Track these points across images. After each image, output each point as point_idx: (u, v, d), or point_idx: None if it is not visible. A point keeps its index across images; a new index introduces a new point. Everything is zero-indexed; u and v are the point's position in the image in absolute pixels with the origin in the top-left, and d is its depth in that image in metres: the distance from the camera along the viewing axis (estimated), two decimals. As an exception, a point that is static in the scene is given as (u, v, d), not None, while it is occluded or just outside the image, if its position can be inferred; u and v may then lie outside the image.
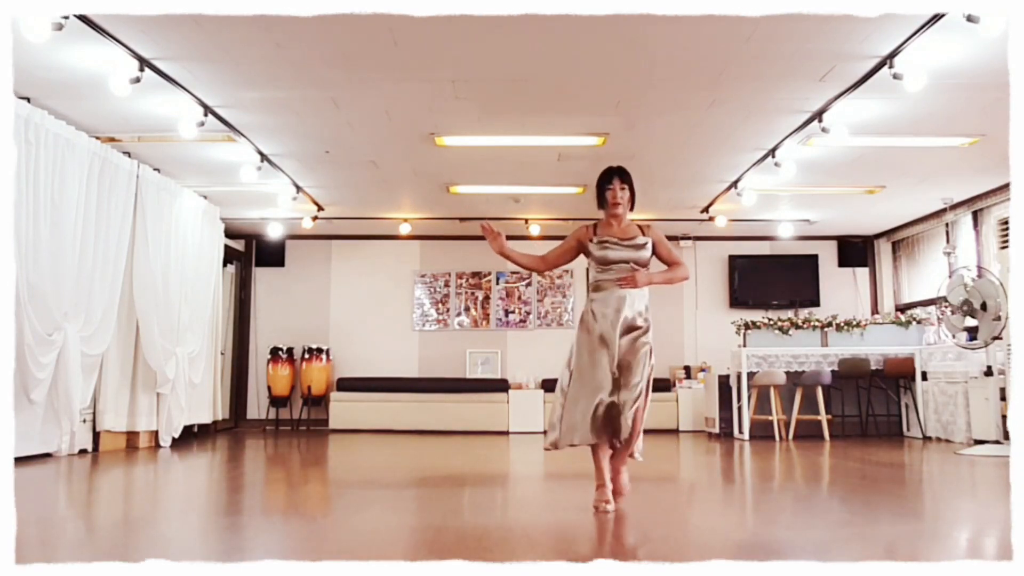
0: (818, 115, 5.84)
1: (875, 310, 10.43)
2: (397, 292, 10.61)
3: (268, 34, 4.56)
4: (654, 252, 4.13)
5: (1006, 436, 6.41)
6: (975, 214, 8.50)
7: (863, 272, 10.70)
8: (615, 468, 3.82)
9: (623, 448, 3.76)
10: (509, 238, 4.25)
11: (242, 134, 6.33)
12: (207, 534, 3.39)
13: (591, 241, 3.98)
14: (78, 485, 5.24)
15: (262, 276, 10.60)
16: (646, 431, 3.98)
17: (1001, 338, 6.67)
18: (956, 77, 5.17)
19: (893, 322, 8.79)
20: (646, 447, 4.01)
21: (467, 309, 10.59)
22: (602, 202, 3.97)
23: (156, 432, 7.41)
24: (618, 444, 3.73)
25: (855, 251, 10.68)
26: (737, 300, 10.53)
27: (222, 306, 9.26)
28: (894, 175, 7.68)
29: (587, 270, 4.12)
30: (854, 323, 8.70)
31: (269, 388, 10.06)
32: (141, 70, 4.87)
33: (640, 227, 4.05)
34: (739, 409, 8.42)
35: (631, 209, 4.03)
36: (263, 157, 6.85)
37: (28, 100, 5.51)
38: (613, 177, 3.95)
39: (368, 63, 5.00)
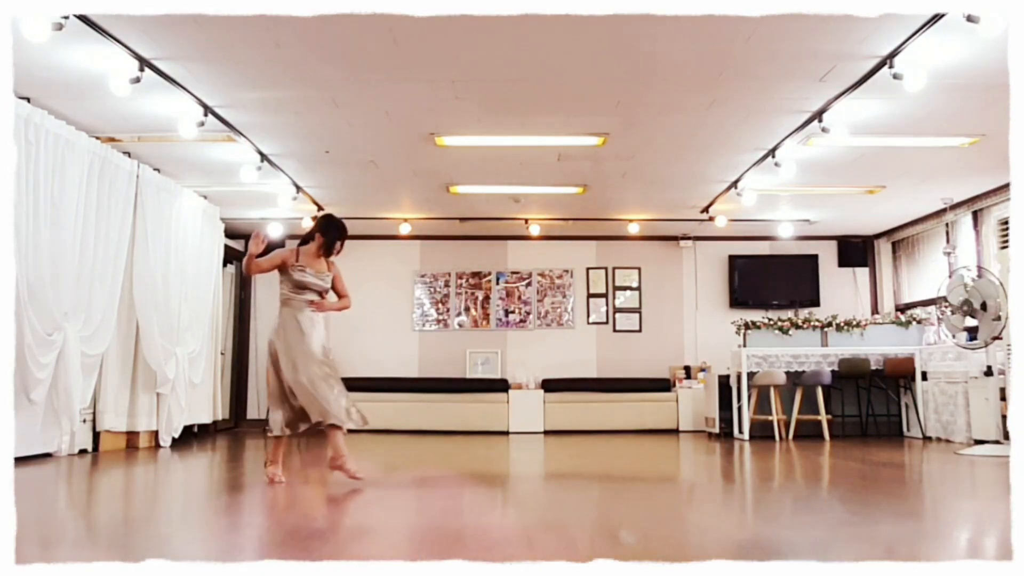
0: (818, 115, 5.84)
1: (875, 310, 10.43)
2: (397, 292, 10.60)
3: (268, 34, 4.56)
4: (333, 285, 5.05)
5: (1006, 436, 6.41)
6: (975, 214, 8.50)
7: (863, 272, 10.70)
8: None
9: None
10: (509, 238, 4.51)
11: (242, 134, 6.33)
12: (207, 534, 3.39)
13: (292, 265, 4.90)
14: (78, 485, 5.24)
15: (262, 276, 10.55)
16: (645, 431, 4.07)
17: (1001, 338, 6.67)
18: (956, 77, 5.17)
19: (893, 322, 8.79)
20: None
21: (467, 309, 10.59)
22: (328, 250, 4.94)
23: (156, 432, 7.41)
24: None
25: (855, 251, 10.68)
26: (737, 300, 10.53)
27: (222, 306, 9.26)
28: (894, 175, 7.68)
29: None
30: (854, 323, 8.70)
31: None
32: (141, 70, 4.87)
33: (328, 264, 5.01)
34: (739, 409, 8.42)
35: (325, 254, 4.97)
36: (263, 157, 6.85)
37: (28, 100, 5.51)
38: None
39: (368, 63, 5.01)
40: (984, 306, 6.70)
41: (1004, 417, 6.72)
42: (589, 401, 9.81)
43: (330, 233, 4.92)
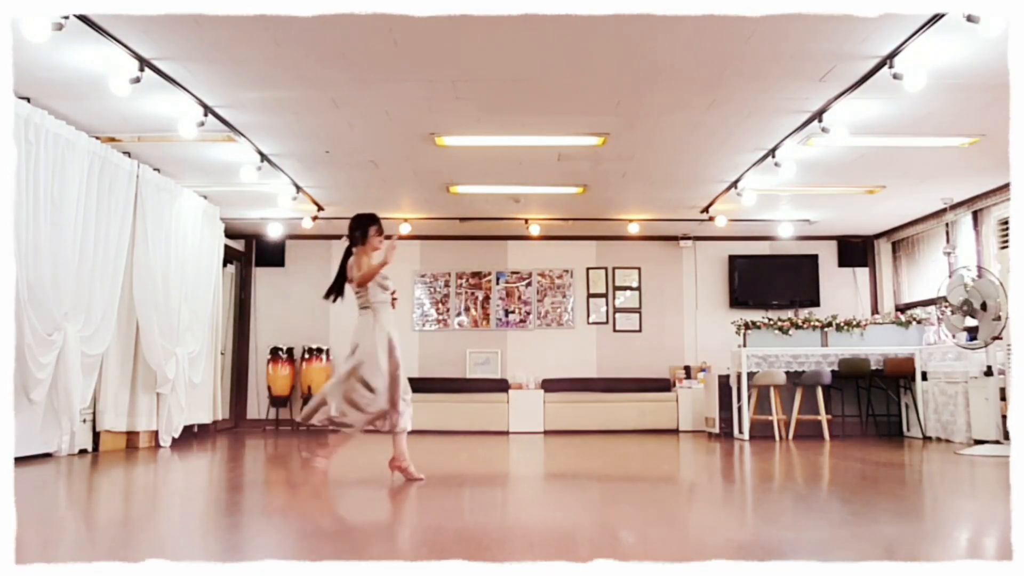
0: (818, 115, 5.84)
1: (875, 310, 10.43)
2: (397, 292, 10.57)
3: (268, 34, 4.56)
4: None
5: (1006, 436, 6.41)
6: (975, 214, 8.50)
7: (863, 272, 10.70)
8: None
9: None
10: (509, 238, 4.53)
11: (242, 134, 6.33)
12: (207, 534, 3.39)
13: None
14: (78, 485, 5.24)
15: (262, 276, 10.60)
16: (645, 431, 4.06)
17: (1001, 338, 6.67)
18: (956, 77, 5.17)
19: (893, 322, 8.79)
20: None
21: (467, 309, 10.59)
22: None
23: (156, 432, 7.41)
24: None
25: (855, 251, 10.68)
26: (737, 300, 10.53)
27: (222, 306, 9.26)
28: (894, 175, 7.68)
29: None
30: (854, 323, 8.70)
31: (269, 388, 10.06)
32: (141, 70, 4.87)
33: None
34: (739, 409, 8.42)
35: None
36: (263, 157, 6.85)
37: (28, 100, 5.51)
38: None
39: (368, 63, 5.01)
40: (984, 306, 6.71)
41: (1004, 417, 6.73)
42: (589, 401, 9.81)
43: (361, 227, 5.02)
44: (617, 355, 10.50)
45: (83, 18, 4.31)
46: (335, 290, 5.08)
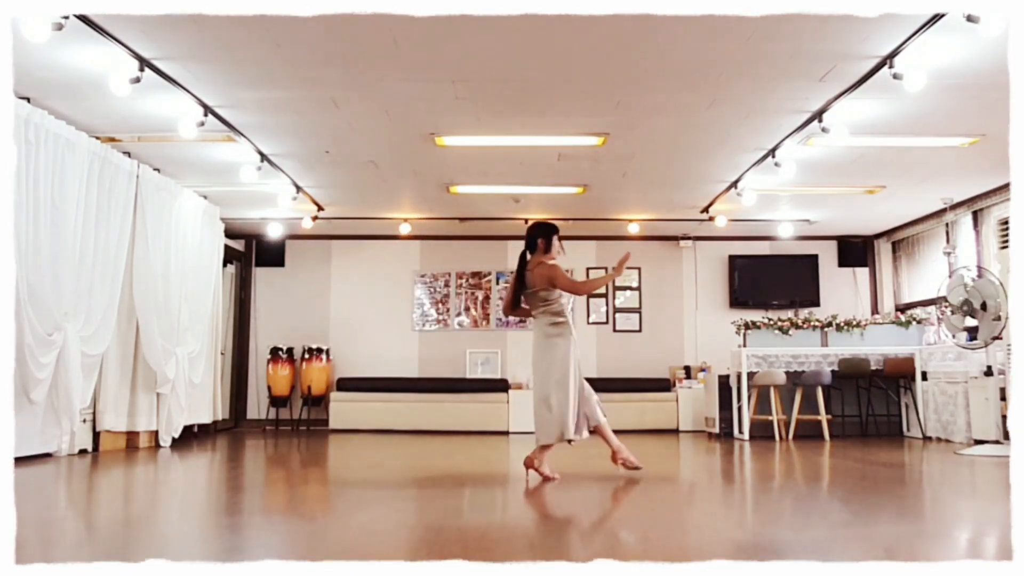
0: (818, 115, 5.84)
1: (875, 310, 10.43)
2: (397, 292, 10.60)
3: (268, 34, 4.56)
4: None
5: (1006, 436, 6.41)
6: (975, 214, 8.50)
7: (863, 272, 10.71)
8: None
9: None
10: (509, 238, 4.64)
11: (242, 134, 6.33)
12: (207, 534, 3.39)
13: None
14: (78, 485, 5.24)
15: (262, 276, 10.60)
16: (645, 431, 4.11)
17: (1001, 338, 6.67)
18: (956, 77, 5.17)
19: (893, 322, 8.79)
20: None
21: (467, 309, 10.59)
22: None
23: (156, 432, 7.41)
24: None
25: (855, 251, 10.68)
26: (737, 300, 10.53)
27: (222, 306, 9.26)
28: (894, 175, 7.68)
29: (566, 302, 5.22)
30: (854, 323, 8.70)
31: (269, 388, 10.06)
32: (141, 70, 4.87)
33: None
34: (739, 409, 8.42)
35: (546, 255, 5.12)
36: (263, 157, 6.85)
37: (28, 100, 5.51)
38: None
39: (368, 63, 5.01)
40: (984, 306, 6.70)
41: (1004, 417, 6.73)
42: (589, 401, 9.80)
43: (545, 235, 5.10)
44: (617, 355, 10.50)
45: (83, 18, 4.31)
46: (517, 301, 5.10)
